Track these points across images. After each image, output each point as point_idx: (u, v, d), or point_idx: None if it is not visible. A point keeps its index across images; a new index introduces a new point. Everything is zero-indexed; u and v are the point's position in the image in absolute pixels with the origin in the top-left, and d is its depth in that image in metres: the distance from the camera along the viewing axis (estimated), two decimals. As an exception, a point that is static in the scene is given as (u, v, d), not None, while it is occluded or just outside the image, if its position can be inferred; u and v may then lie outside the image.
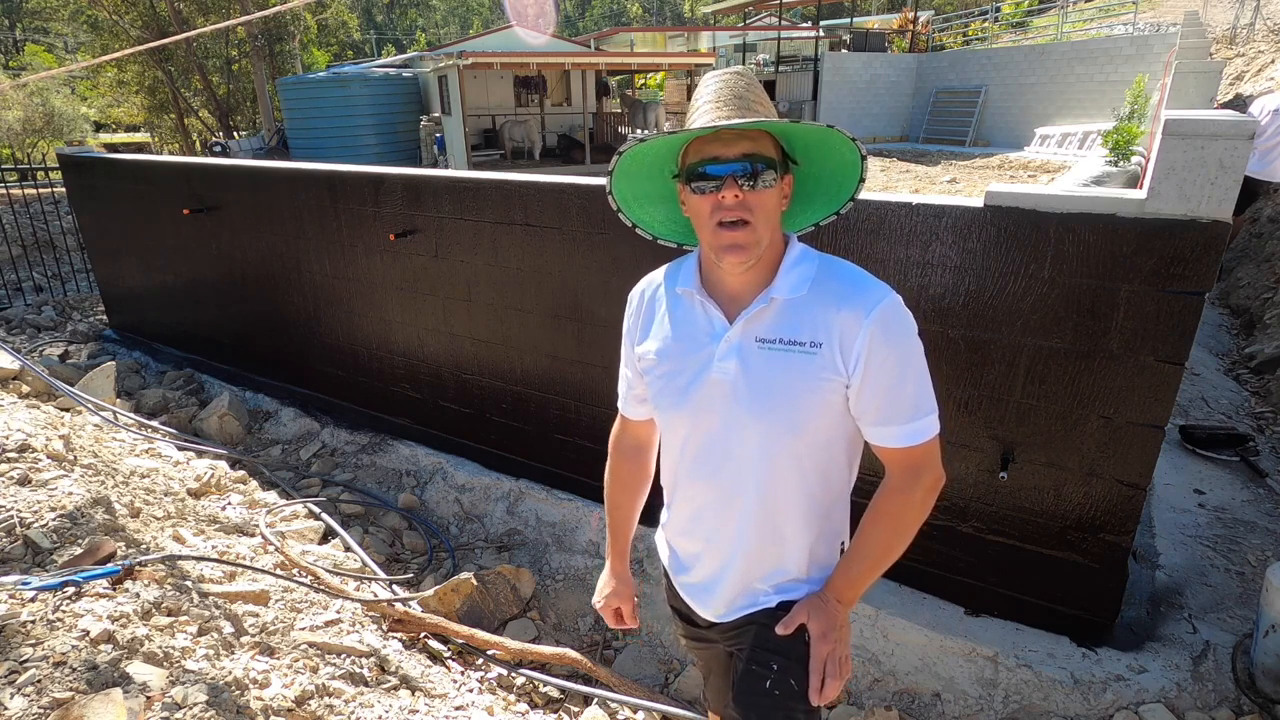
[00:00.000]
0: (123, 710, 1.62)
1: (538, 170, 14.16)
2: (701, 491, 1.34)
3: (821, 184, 1.31)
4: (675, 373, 1.29)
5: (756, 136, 1.16)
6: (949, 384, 2.41)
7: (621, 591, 1.59)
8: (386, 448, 4.18)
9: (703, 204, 1.17)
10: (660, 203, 1.37)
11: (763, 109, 1.19)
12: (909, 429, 1.21)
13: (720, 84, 1.20)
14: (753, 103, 1.18)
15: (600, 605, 1.61)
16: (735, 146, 1.14)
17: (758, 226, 1.16)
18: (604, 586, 1.61)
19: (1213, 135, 1.91)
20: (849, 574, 1.30)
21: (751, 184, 1.14)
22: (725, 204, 1.14)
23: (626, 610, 1.60)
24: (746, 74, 1.22)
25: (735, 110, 1.16)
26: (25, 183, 8.81)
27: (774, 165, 1.16)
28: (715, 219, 1.16)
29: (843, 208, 1.32)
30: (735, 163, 1.14)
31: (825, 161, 1.26)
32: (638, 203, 1.35)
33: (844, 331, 1.17)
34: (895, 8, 29.66)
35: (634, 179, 1.31)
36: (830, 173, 1.28)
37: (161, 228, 5.16)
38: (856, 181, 1.26)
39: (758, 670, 1.32)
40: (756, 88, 1.21)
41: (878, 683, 2.61)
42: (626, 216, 1.35)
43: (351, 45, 36.55)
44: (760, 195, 1.15)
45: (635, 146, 1.21)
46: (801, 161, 1.26)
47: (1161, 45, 12.74)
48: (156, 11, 21.12)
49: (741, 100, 1.17)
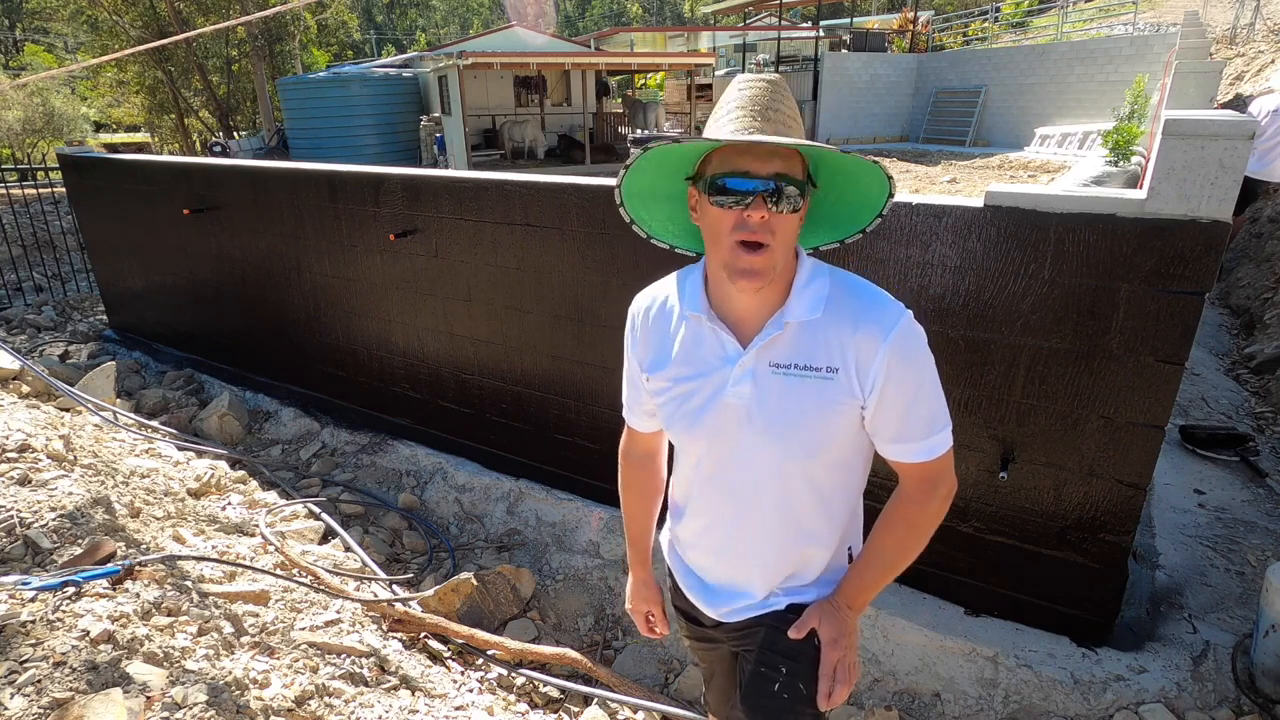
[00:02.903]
0: (123, 710, 1.62)
1: (538, 170, 14.17)
2: (716, 507, 1.33)
3: (834, 210, 1.26)
4: (687, 396, 1.25)
5: (789, 155, 1.09)
6: (949, 384, 2.38)
7: (650, 597, 1.60)
8: (386, 448, 4.18)
9: (723, 219, 1.10)
10: (664, 202, 1.30)
11: (795, 125, 1.13)
12: (926, 445, 1.20)
13: (755, 91, 1.13)
14: (787, 117, 1.12)
15: (631, 612, 1.63)
16: (768, 164, 1.07)
17: (776, 250, 1.10)
18: (632, 595, 1.62)
19: (1213, 135, 1.91)
20: (861, 581, 1.30)
21: (778, 205, 1.07)
22: (751, 223, 1.07)
23: (657, 614, 1.61)
24: (781, 84, 1.16)
25: (769, 124, 1.10)
26: (25, 183, 8.82)
27: (801, 187, 1.10)
28: (735, 237, 1.09)
29: (850, 237, 1.28)
30: (766, 180, 1.07)
31: (847, 190, 1.21)
32: (640, 198, 1.29)
33: (860, 354, 1.14)
34: (895, 8, 29.66)
35: (645, 173, 1.24)
36: (850, 201, 1.23)
37: (161, 228, 5.16)
38: (874, 215, 1.21)
39: (766, 673, 1.32)
40: (790, 100, 1.15)
41: (878, 683, 2.61)
42: (626, 211, 1.29)
43: (351, 45, 36.54)
44: (784, 218, 1.09)
45: (665, 147, 1.14)
46: (822, 187, 1.21)
47: (1161, 45, 12.74)
48: (156, 11, 21.12)
49: (777, 114, 1.12)
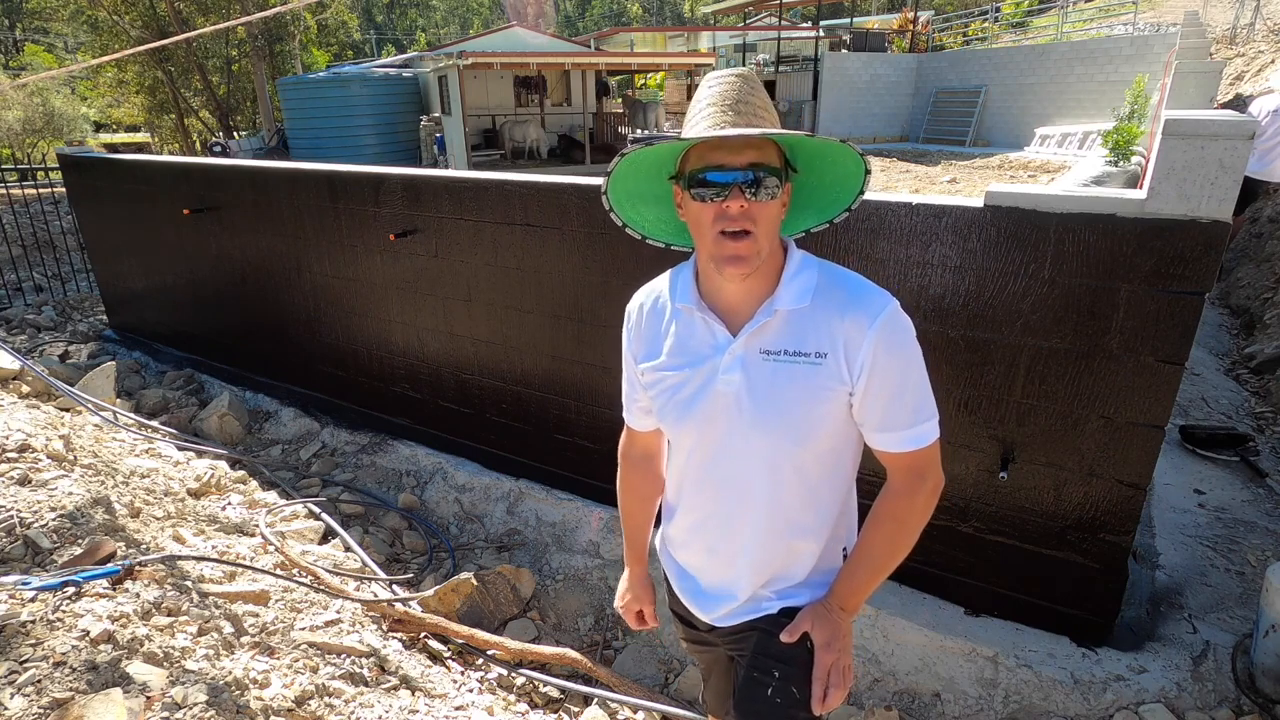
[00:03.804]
0: (123, 710, 1.62)
1: (538, 170, 14.17)
2: (706, 502, 1.34)
3: (818, 193, 1.30)
4: (679, 386, 1.28)
5: (762, 145, 1.13)
6: (949, 384, 2.41)
7: (642, 595, 1.62)
8: (386, 448, 4.18)
9: (704, 212, 1.14)
10: (654, 203, 1.34)
11: (768, 115, 1.16)
12: (913, 434, 1.21)
13: (725, 87, 1.16)
14: (758, 108, 1.15)
15: (621, 608, 1.64)
16: (741, 155, 1.11)
17: (759, 237, 1.13)
18: (624, 591, 1.63)
19: (1213, 135, 1.91)
20: (852, 581, 1.30)
21: (756, 194, 1.11)
22: (730, 214, 1.11)
23: (648, 612, 1.63)
24: (750, 77, 1.19)
25: (741, 116, 1.13)
26: (25, 183, 8.82)
27: (778, 174, 1.13)
28: (717, 228, 1.13)
29: (837, 217, 1.31)
30: (741, 171, 1.10)
31: (825, 172, 1.24)
32: (629, 201, 1.32)
33: (848, 340, 1.17)
34: (895, 8, 29.67)
35: (628, 178, 1.28)
36: (829, 183, 1.26)
37: (161, 228, 5.16)
38: (855, 193, 1.25)
39: (760, 677, 1.32)
40: (761, 92, 1.18)
41: (878, 683, 2.61)
42: (618, 216, 1.32)
43: (351, 45, 36.55)
44: (764, 206, 1.12)
45: (638, 151, 1.18)
46: (802, 171, 1.24)
47: (1161, 45, 12.75)
48: (156, 11, 21.13)
49: (747, 106, 1.14)
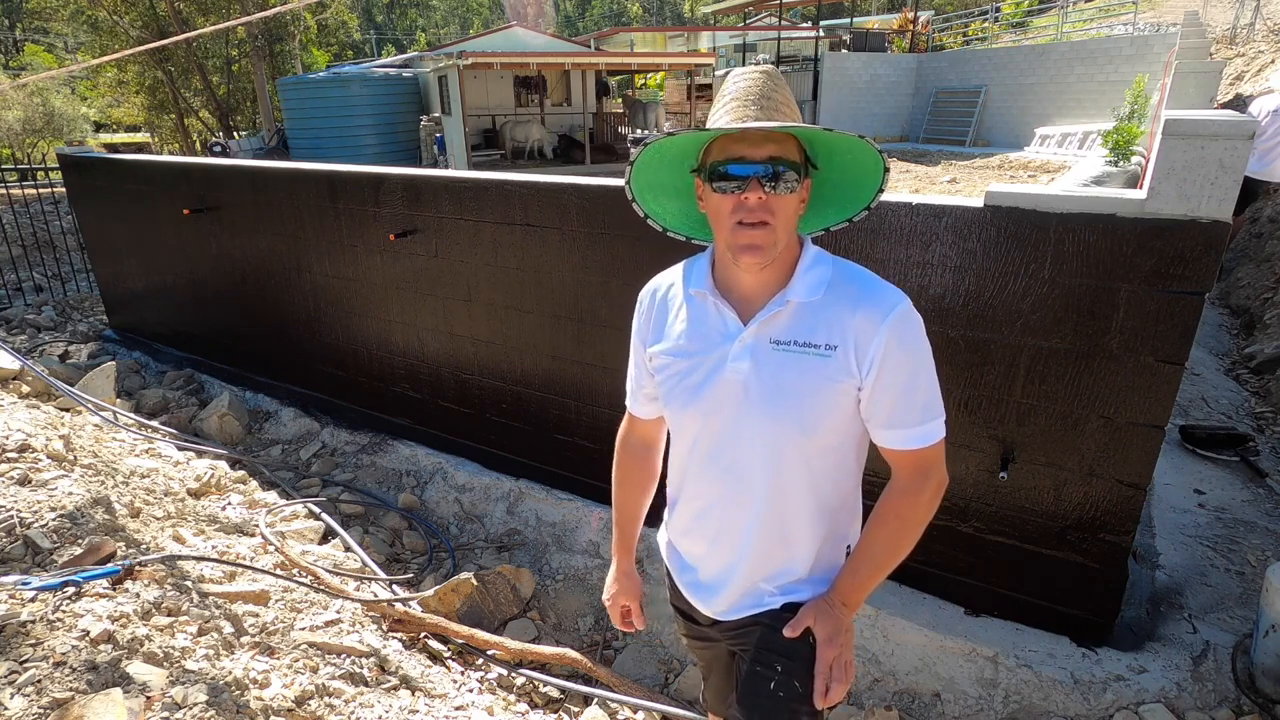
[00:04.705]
0: (123, 710, 1.62)
1: (538, 170, 14.17)
2: (709, 491, 1.35)
3: (838, 190, 1.31)
4: (688, 371, 1.29)
5: (782, 139, 1.15)
6: (949, 384, 2.39)
7: (629, 590, 1.60)
8: (386, 448, 4.18)
9: (724, 203, 1.16)
10: (675, 196, 1.36)
11: (789, 111, 1.19)
12: (919, 432, 1.22)
13: (749, 82, 1.19)
14: (780, 104, 1.18)
15: (608, 602, 1.62)
16: (762, 148, 1.13)
17: (777, 228, 1.15)
18: (611, 586, 1.62)
19: (1213, 135, 1.91)
20: (855, 577, 1.31)
21: (774, 187, 1.13)
22: (748, 205, 1.14)
23: (634, 608, 1.61)
24: (774, 73, 1.21)
25: (763, 111, 1.16)
26: (25, 183, 8.82)
27: (797, 169, 1.16)
28: (735, 218, 1.15)
29: (856, 215, 1.32)
30: (760, 164, 1.13)
31: (845, 169, 1.26)
32: (651, 194, 1.34)
33: (859, 334, 1.18)
34: (895, 8, 29.66)
35: (651, 170, 1.30)
36: (849, 181, 1.28)
37: (161, 228, 5.16)
38: (874, 191, 1.26)
39: (762, 672, 1.32)
40: (784, 88, 1.21)
41: (878, 683, 2.61)
42: (640, 207, 1.34)
43: (351, 45, 36.54)
44: (782, 199, 1.15)
45: (663, 139, 1.20)
46: (821, 167, 1.25)
47: (1161, 45, 12.73)
48: (156, 11, 21.12)
49: (770, 101, 1.17)
